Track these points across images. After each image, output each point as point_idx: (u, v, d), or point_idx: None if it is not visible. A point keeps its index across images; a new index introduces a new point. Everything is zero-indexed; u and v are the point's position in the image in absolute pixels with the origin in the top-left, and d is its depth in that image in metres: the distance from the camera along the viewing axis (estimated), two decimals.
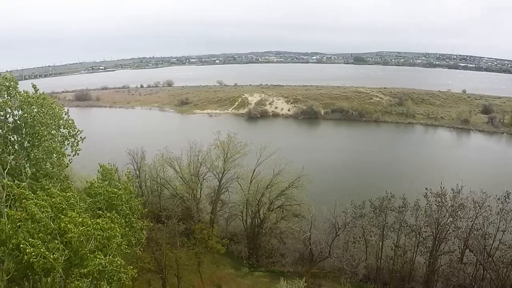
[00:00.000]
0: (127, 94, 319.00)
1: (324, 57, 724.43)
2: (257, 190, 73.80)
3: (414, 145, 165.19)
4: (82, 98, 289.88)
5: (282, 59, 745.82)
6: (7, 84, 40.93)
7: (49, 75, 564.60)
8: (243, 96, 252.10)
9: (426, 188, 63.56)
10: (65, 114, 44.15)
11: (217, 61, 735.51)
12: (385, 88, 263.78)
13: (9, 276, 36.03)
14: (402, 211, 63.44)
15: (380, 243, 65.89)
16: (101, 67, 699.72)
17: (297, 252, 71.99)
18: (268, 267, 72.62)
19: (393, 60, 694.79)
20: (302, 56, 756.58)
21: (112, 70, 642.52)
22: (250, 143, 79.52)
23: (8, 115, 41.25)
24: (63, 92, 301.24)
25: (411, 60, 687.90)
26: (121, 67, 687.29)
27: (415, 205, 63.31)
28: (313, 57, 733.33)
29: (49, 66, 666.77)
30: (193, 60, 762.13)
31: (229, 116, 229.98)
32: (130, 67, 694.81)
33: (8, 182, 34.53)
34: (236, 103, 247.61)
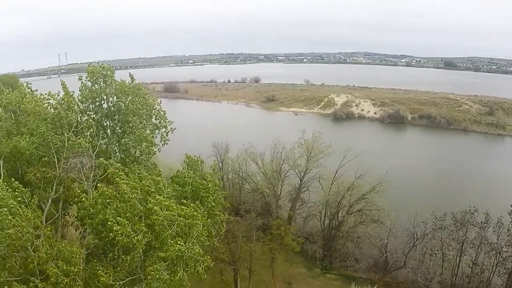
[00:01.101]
0: (214, 88, 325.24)
1: (413, 61, 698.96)
2: (338, 192, 72.91)
3: (503, 159, 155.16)
4: (171, 90, 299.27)
5: (370, 61, 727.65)
6: (104, 72, 43.12)
7: (139, 66, 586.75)
8: (329, 96, 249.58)
9: (511, 205, 59.78)
10: (157, 105, 45.49)
11: (305, 60, 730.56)
12: (475, 95, 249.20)
13: (88, 251, 37.87)
14: (484, 227, 60.04)
15: (458, 259, 62.89)
16: (190, 61, 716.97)
17: (372, 258, 70.59)
18: (340, 271, 71.82)
19: (484, 67, 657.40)
20: (391, 59, 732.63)
21: (201, 64, 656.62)
22: (334, 144, 78.37)
23: (103, 102, 43.28)
24: (152, 83, 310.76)
25: (504, 67, 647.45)
26: (210, 62, 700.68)
27: (498, 222, 59.63)
28: (402, 60, 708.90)
29: (139, 58, 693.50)
30: (281, 58, 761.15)
31: (315, 116, 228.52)
32: (218, 62, 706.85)
33: (105, 161, 36.13)
34: (322, 103, 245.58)
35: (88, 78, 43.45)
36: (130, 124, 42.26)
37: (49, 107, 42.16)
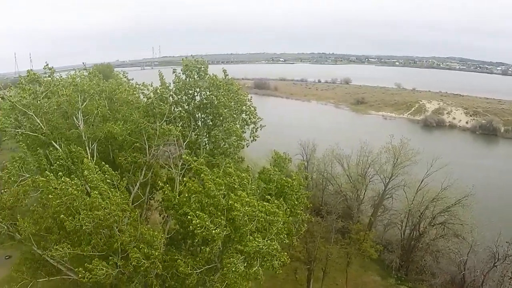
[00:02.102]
0: (304, 87, 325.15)
1: (510, 69, 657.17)
2: (422, 202, 70.29)
3: None
4: (261, 86, 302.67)
5: (464, 67, 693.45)
6: (198, 66, 44.15)
7: (231, 62, 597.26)
8: (420, 102, 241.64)
9: None
10: (248, 101, 45.93)
11: (397, 63, 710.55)
12: None
13: (169, 235, 39.06)
14: None
15: None
16: (281, 59, 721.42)
17: (449, 274, 67.41)
18: (415, 283, 69.50)
19: None
20: (486, 66, 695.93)
21: (292, 63, 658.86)
22: (421, 152, 75.77)
23: (196, 94, 44.34)
24: (242, 79, 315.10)
25: None
26: (301, 61, 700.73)
27: None
28: (498, 68, 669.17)
29: (231, 53, 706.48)
30: (372, 59, 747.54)
31: (404, 121, 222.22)
32: (309, 61, 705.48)
33: (187, 157, 37.03)
34: (413, 108, 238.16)
35: (183, 71, 44.81)
36: (221, 117, 43.08)
37: (142, 96, 44.09)
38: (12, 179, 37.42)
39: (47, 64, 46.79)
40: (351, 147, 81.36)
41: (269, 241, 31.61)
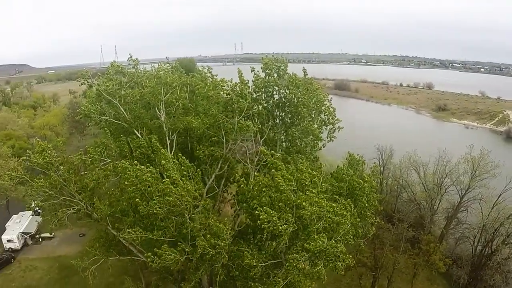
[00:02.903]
0: (385, 91, 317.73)
1: None
2: (497, 218, 66.74)
3: None
4: (341, 87, 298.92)
5: None
6: (278, 65, 44.74)
7: (312, 61, 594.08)
8: (504, 112, 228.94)
9: None
10: (327, 102, 45.94)
11: (482, 70, 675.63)
12: None
13: (240, 228, 39.91)
14: None
15: None
16: (362, 60, 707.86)
17: None
18: None
19: None
20: None
21: (373, 65, 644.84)
22: (502, 165, 72.29)
23: (275, 92, 44.83)
24: (323, 79, 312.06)
25: None
26: (382, 63, 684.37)
27: None
28: None
29: (312, 53, 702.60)
30: (456, 65, 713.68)
31: (486, 131, 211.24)
32: (391, 64, 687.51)
33: (265, 150, 37.69)
34: (496, 118, 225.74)
35: (263, 69, 45.47)
36: (300, 116, 43.35)
37: (222, 92, 45.19)
38: (94, 163, 39.75)
39: (131, 56, 49.08)
40: (429, 154, 78.64)
41: (334, 241, 31.71)
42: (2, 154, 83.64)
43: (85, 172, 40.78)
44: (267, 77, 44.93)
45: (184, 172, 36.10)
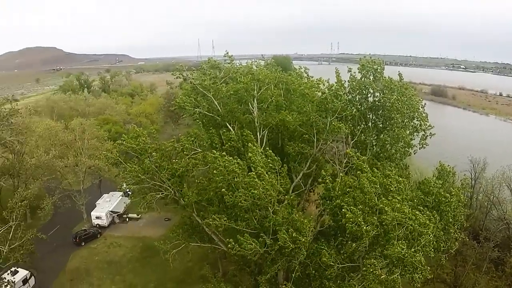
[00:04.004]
0: (483, 99, 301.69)
1: None
2: None
3: None
4: (438, 93, 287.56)
5: None
6: (375, 67, 44.37)
7: (409, 65, 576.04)
8: None
9: None
10: (421, 108, 45.05)
11: None
12: None
13: (322, 228, 40.10)
14: None
15: None
16: (461, 66, 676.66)
17: None
18: None
19: None
20: None
21: (472, 71, 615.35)
22: None
23: (369, 95, 44.54)
24: (420, 83, 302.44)
25: None
26: (482, 70, 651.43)
27: None
28: None
29: (410, 56, 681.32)
30: None
31: None
32: (492, 71, 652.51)
33: (351, 153, 37.67)
34: None
35: (359, 70, 45.24)
36: (392, 121, 42.80)
37: (317, 91, 45.48)
38: (185, 151, 41.48)
39: (227, 52, 50.50)
40: None
41: (414, 251, 31.18)
42: (99, 137, 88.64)
43: (176, 160, 42.62)
44: (363, 79, 44.64)
45: (270, 165, 36.84)
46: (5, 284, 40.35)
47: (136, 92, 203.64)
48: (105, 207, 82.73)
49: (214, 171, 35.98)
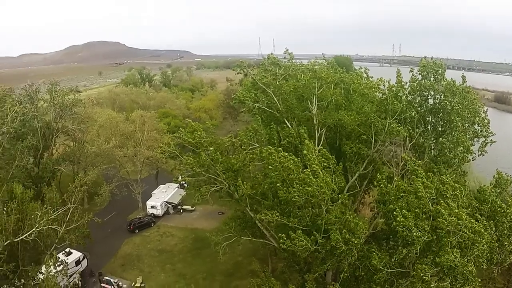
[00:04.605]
0: None
1: None
2: None
3: None
4: (501, 100, 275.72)
5: None
6: (436, 69, 43.62)
7: (473, 69, 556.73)
8: None
9: None
10: (482, 113, 43.86)
11: None
12: None
13: (374, 231, 39.75)
14: None
15: None
16: None
17: None
18: None
19: None
20: None
21: None
22: None
23: (430, 97, 43.79)
24: (483, 89, 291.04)
25: None
26: None
27: None
28: None
29: (473, 60, 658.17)
30: None
31: None
32: None
33: (407, 156, 37.21)
34: None
35: (420, 72, 44.52)
36: (452, 125, 41.85)
37: (376, 92, 45.05)
38: (243, 146, 42.07)
39: (287, 50, 50.81)
40: None
41: (466, 260, 30.53)
42: (158, 129, 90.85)
43: (233, 155, 43.33)
44: (423, 81, 43.90)
45: (325, 164, 36.83)
46: (58, 263, 42.18)
47: (196, 87, 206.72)
48: (161, 197, 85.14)
49: (269, 167, 36.33)
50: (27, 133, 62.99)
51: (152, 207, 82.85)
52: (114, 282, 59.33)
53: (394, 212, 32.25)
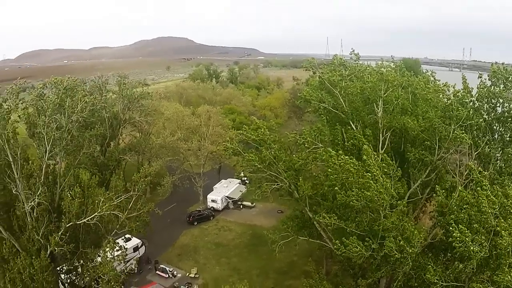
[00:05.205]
0: None
1: None
2: None
3: None
4: None
5: None
6: (506, 75, 41.70)
7: None
8: None
9: None
10: None
11: None
12: None
13: (432, 241, 38.75)
14: None
15: None
16: None
17: None
18: None
19: None
20: None
21: None
22: None
23: (498, 105, 42.03)
24: None
25: None
26: None
27: None
28: None
29: None
30: None
31: None
32: None
33: (472, 165, 35.93)
34: None
35: (489, 78, 42.89)
36: None
37: (442, 96, 43.74)
38: (306, 145, 42.04)
39: (353, 50, 50.23)
40: None
41: None
42: (223, 125, 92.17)
43: (296, 155, 43.48)
44: (492, 87, 42.22)
45: (385, 170, 36.19)
46: (117, 248, 43.79)
47: (263, 85, 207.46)
48: (222, 192, 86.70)
49: (329, 169, 36.14)
50: (95, 123, 66.17)
51: (213, 201, 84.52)
52: (169, 270, 61.17)
53: (451, 228, 31.28)
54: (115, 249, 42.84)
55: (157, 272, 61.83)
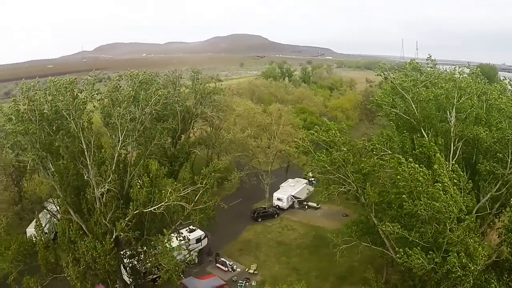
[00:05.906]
0: None
1: None
2: None
3: None
4: None
5: None
6: None
7: None
8: None
9: None
10: None
11: None
12: None
13: (497, 259, 37.38)
14: None
15: None
16: None
17: None
18: None
19: None
20: None
21: None
22: None
23: None
24: None
25: None
26: None
27: None
28: None
29: None
30: None
31: None
32: None
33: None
34: None
35: None
36: None
37: None
38: (374, 151, 41.65)
39: (430, 56, 49.05)
40: None
41: None
42: (294, 124, 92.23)
43: (364, 159, 43.17)
44: None
45: (456, 181, 35.25)
46: (181, 238, 45.05)
47: (335, 86, 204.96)
48: (288, 191, 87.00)
49: (398, 177, 35.64)
50: (168, 116, 68.40)
51: (278, 199, 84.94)
52: (229, 264, 62.15)
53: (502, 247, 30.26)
54: (178, 239, 44.17)
55: (217, 264, 63.02)
